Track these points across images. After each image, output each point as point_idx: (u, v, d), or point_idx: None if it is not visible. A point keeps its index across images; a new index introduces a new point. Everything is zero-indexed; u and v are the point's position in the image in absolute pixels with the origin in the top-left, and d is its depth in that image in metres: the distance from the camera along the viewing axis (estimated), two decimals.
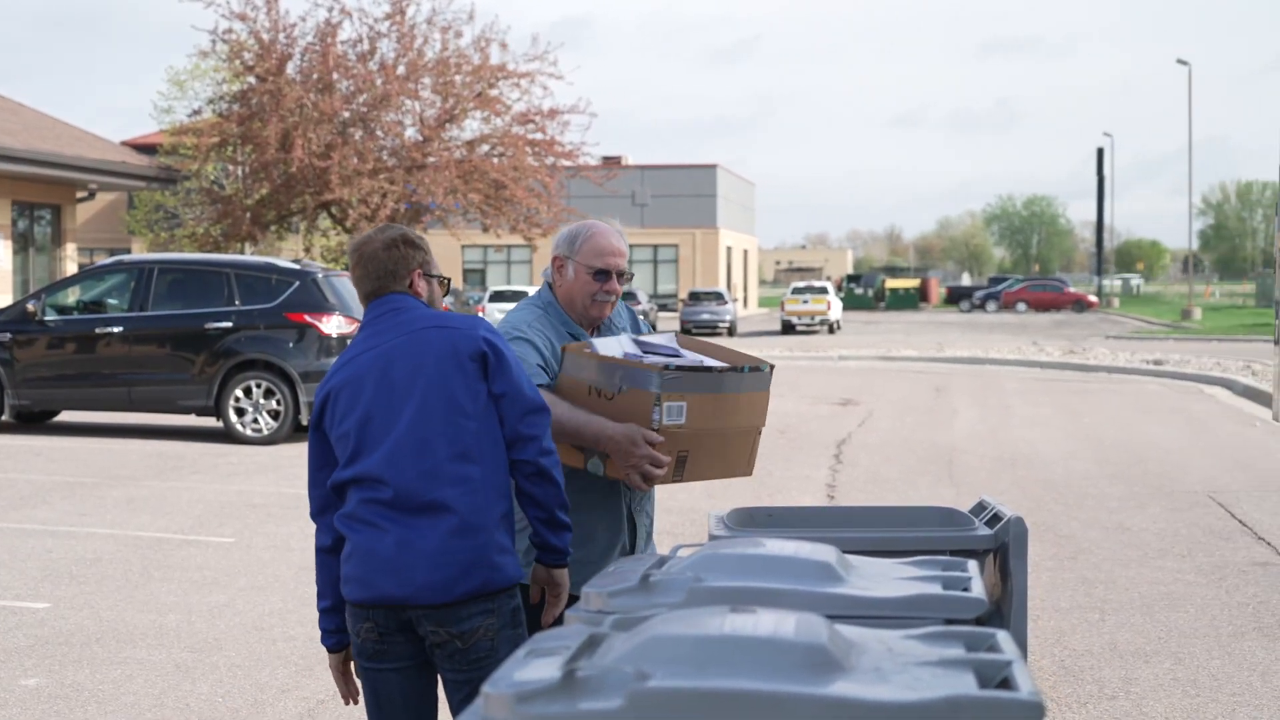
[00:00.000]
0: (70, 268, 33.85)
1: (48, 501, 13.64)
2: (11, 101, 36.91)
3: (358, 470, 4.42)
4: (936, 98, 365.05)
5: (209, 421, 19.45)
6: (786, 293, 62.46)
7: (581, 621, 3.39)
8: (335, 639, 4.66)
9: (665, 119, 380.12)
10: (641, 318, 5.60)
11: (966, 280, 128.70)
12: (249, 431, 18.21)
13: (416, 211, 38.68)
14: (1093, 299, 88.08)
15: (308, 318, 18.21)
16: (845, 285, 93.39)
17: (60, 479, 15.01)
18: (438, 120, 39.01)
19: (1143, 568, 10.92)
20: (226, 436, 18.35)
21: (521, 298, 51.25)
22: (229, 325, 18.31)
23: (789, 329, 58.30)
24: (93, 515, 12.95)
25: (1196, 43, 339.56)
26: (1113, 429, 20.47)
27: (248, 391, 18.23)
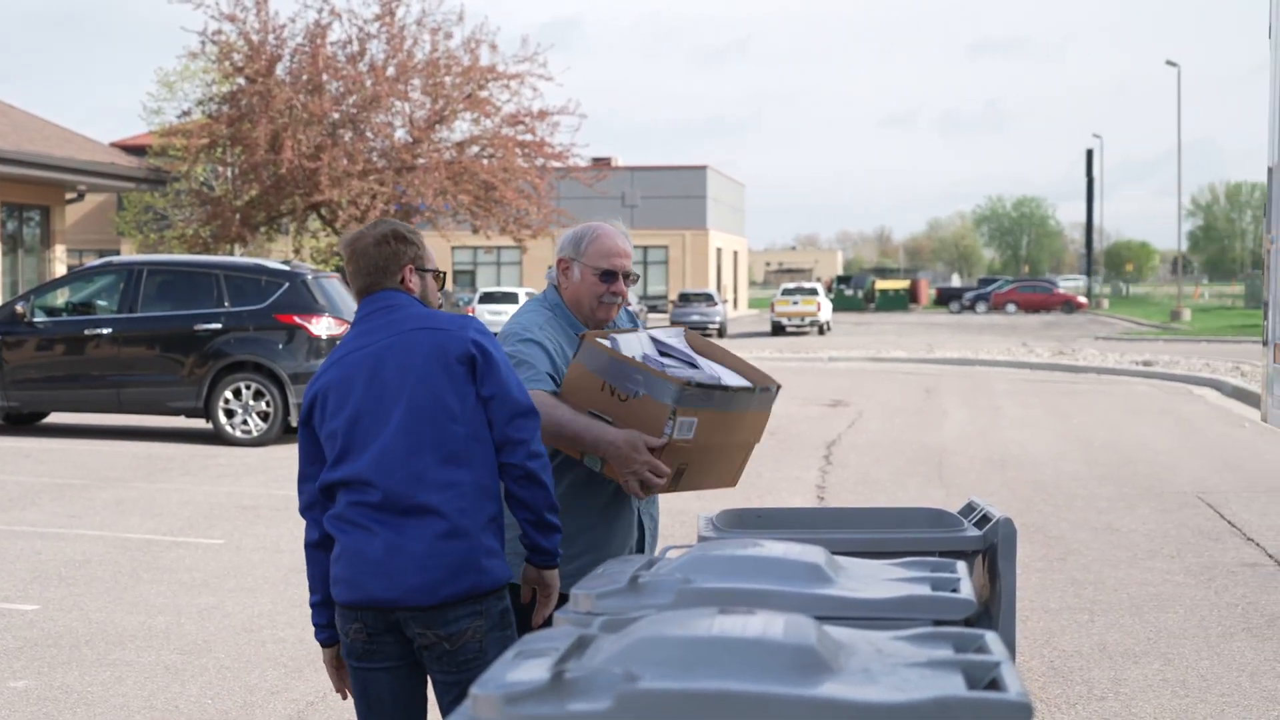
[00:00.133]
0: (59, 269, 33.83)
1: (37, 503, 13.62)
2: (0, 103, 36.85)
3: (346, 472, 4.42)
4: (927, 99, 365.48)
5: (198, 423, 19.42)
6: (776, 294, 62.52)
7: (570, 623, 3.39)
8: (327, 633, 4.66)
9: (655, 120, 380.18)
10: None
11: (956, 281, 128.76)
12: (238, 433, 18.20)
13: (406, 213, 38.65)
14: (1082, 300, 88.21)
15: (297, 319, 18.19)
16: (835, 286, 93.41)
17: (49, 481, 14.99)
18: (427, 121, 38.99)
19: (1132, 569, 10.93)
20: (216, 438, 18.33)
21: (511, 299, 51.48)
22: (218, 327, 18.29)
23: (779, 330, 58.34)
24: (82, 517, 12.94)
25: (1186, 44, 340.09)
26: (1102, 430, 20.50)
27: (237, 393, 18.21)
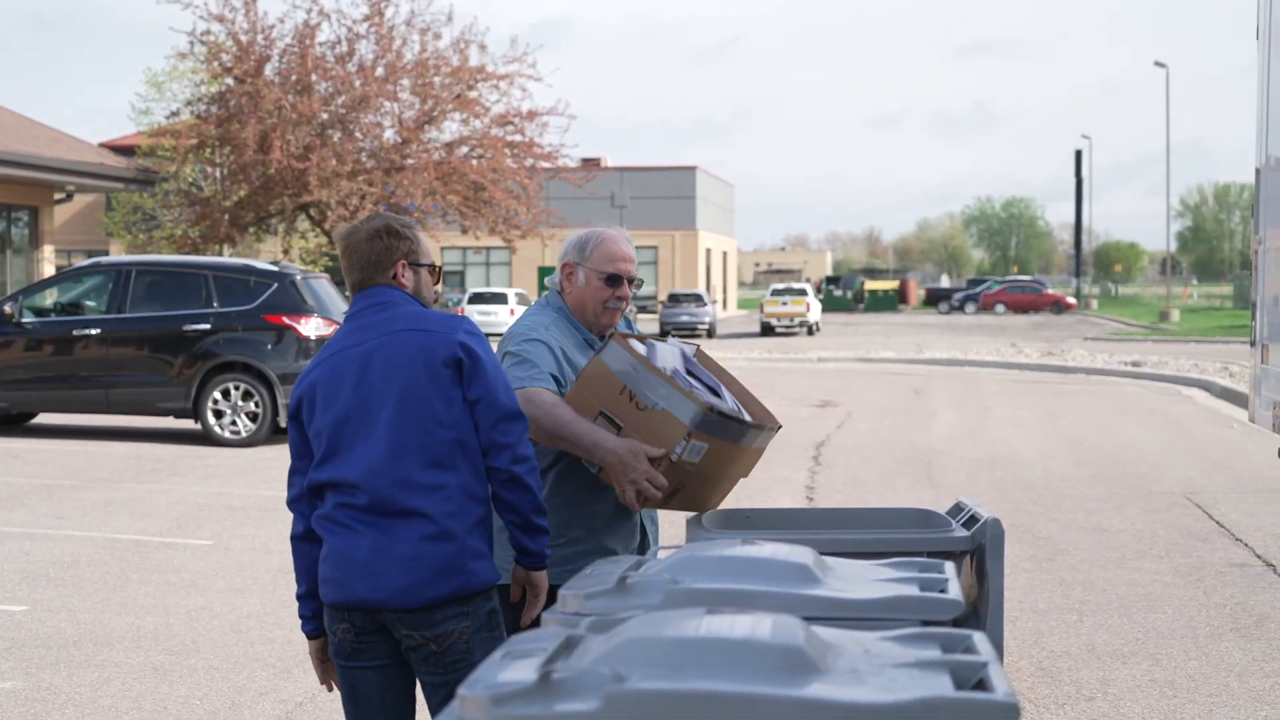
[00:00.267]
0: (48, 270, 33.78)
1: (25, 504, 13.60)
2: None
3: (333, 474, 4.42)
4: (915, 100, 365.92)
5: (187, 424, 19.39)
6: (766, 294, 62.59)
7: (558, 623, 3.38)
8: (313, 625, 4.66)
9: (644, 121, 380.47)
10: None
11: (945, 282, 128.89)
12: (227, 434, 18.18)
13: (395, 213, 38.62)
14: (1071, 300, 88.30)
15: (286, 320, 18.17)
16: (824, 287, 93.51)
17: (38, 481, 14.96)
18: (416, 122, 38.98)
19: (1120, 569, 10.94)
20: (205, 439, 18.31)
21: (500, 299, 51.45)
22: (207, 327, 18.26)
23: (768, 330, 58.36)
24: (70, 518, 12.92)
25: (1174, 45, 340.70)
26: (1091, 430, 20.52)
27: (226, 394, 18.19)
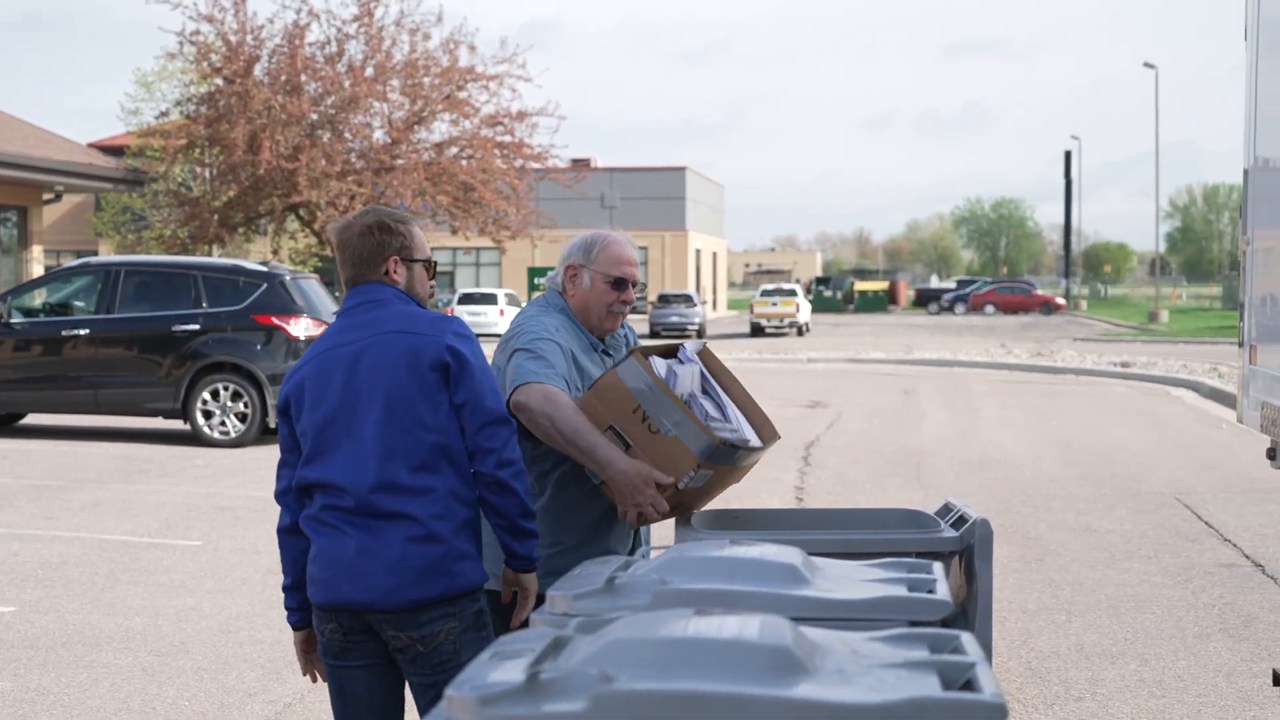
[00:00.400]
0: (37, 270, 33.70)
1: (13, 505, 13.58)
2: None
3: (320, 475, 4.42)
4: (905, 100, 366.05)
5: (176, 424, 19.37)
6: (755, 295, 62.56)
7: (547, 624, 3.39)
8: (298, 616, 4.67)
9: (634, 121, 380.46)
10: None
11: (935, 282, 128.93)
12: (216, 434, 18.16)
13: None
14: (1060, 301, 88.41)
15: (275, 320, 18.16)
16: (814, 287, 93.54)
17: (26, 482, 14.94)
18: (406, 122, 38.95)
19: (1109, 569, 10.96)
20: (194, 439, 18.29)
21: (490, 300, 51.42)
22: (196, 328, 18.24)
23: (758, 331, 58.37)
24: (59, 518, 12.90)
25: (1163, 46, 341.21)
26: (1080, 431, 20.54)
27: (215, 394, 18.18)
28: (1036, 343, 48.07)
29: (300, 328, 18.09)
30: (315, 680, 4.78)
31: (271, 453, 16.26)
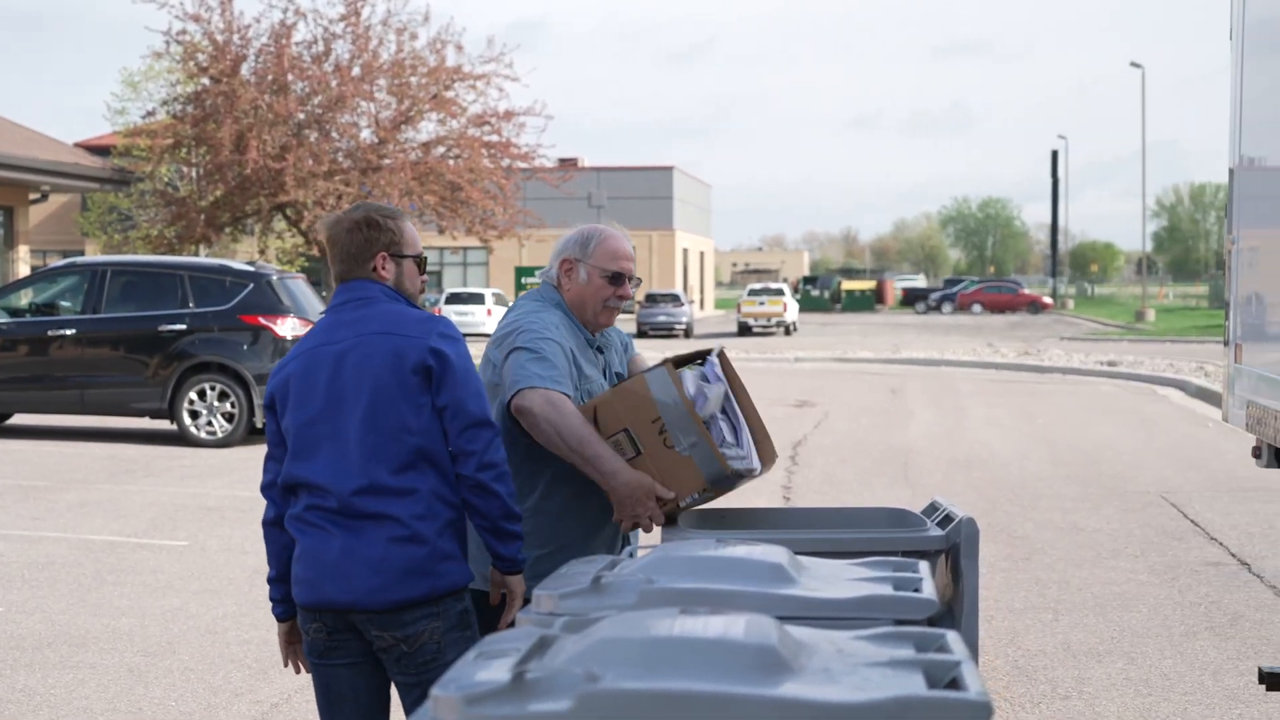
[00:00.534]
0: (23, 270, 33.63)
1: (0, 505, 13.55)
2: None
3: (304, 475, 4.43)
4: (892, 100, 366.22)
5: (163, 424, 19.34)
6: (743, 294, 62.62)
7: (532, 623, 3.38)
8: (283, 608, 4.68)
9: (621, 121, 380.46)
10: None
11: (922, 282, 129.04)
12: (203, 434, 18.14)
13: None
14: (1047, 300, 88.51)
15: (262, 320, 18.14)
16: (801, 287, 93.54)
17: (13, 482, 14.91)
18: (393, 122, 38.90)
19: (1096, 568, 10.97)
20: (180, 439, 18.26)
21: (478, 300, 51.33)
22: (183, 328, 18.22)
23: (745, 330, 58.39)
24: (45, 519, 12.88)
25: (1150, 46, 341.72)
26: (1067, 430, 20.57)
27: (202, 394, 18.16)
28: (1023, 342, 48.12)
29: (287, 328, 18.07)
30: (299, 672, 4.78)
31: (258, 453, 16.24)
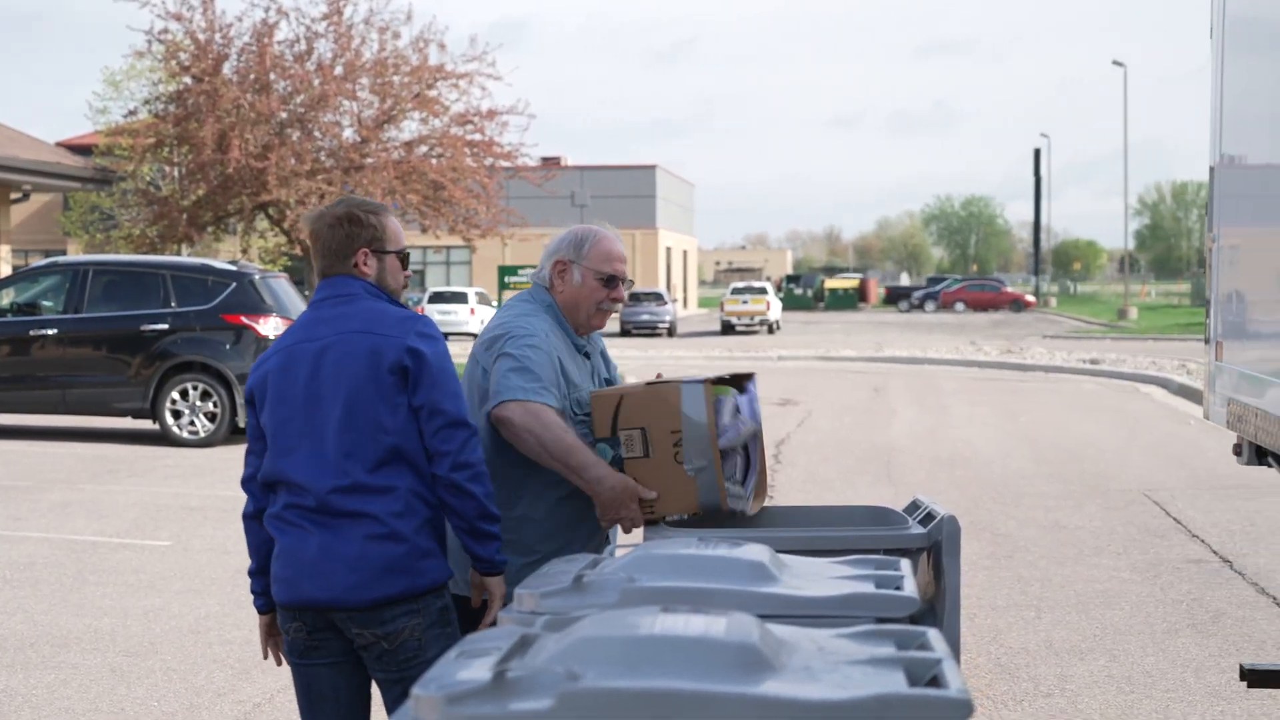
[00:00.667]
0: (4, 269, 33.52)
1: None
2: None
3: (282, 473, 4.43)
4: (875, 99, 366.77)
5: (145, 424, 19.29)
6: (726, 293, 62.65)
7: (514, 622, 3.38)
8: (264, 600, 4.69)
9: (604, 120, 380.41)
10: None
11: (905, 280, 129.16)
12: (186, 434, 18.10)
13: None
14: (1030, 299, 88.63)
15: (244, 319, 18.11)
16: (784, 285, 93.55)
17: None
18: (376, 121, 38.82)
19: (1078, 565, 10.99)
20: (163, 439, 18.22)
21: (461, 299, 51.25)
22: (165, 327, 18.19)
23: (728, 329, 58.43)
24: (27, 519, 12.85)
25: (1132, 45, 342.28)
26: (1049, 428, 20.61)
27: (184, 394, 18.12)
28: (1006, 340, 48.20)
29: (269, 327, 18.03)
30: (280, 664, 4.77)
31: (241, 453, 16.19)
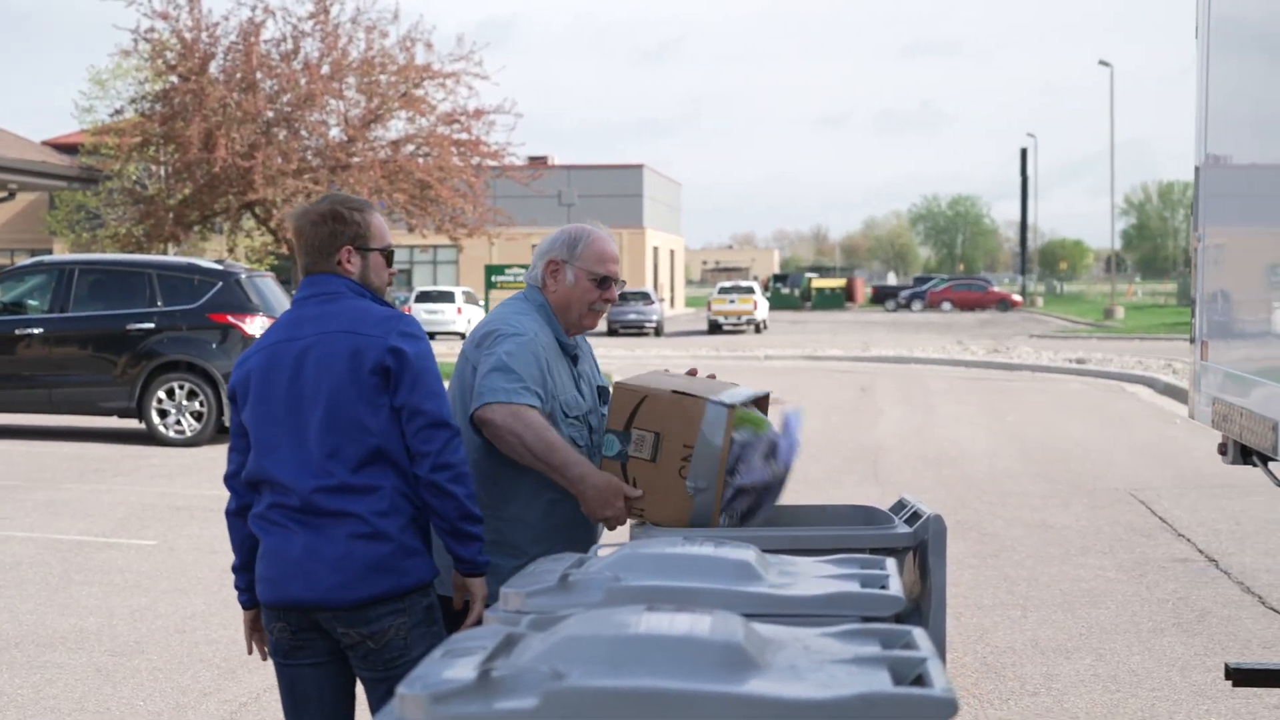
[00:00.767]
0: None
1: None
2: None
3: (265, 473, 4.42)
4: (862, 99, 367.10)
5: (131, 423, 19.26)
6: (713, 292, 62.67)
7: (499, 621, 3.38)
8: (248, 596, 4.69)
9: (591, 119, 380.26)
10: None
11: (892, 280, 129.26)
12: (172, 433, 18.08)
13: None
14: (1017, 298, 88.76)
15: (230, 319, 18.09)
16: (772, 285, 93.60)
17: None
18: (362, 120, 38.78)
19: (1064, 565, 11.01)
20: (149, 438, 18.19)
21: (448, 298, 51.23)
22: (151, 326, 18.16)
23: (716, 329, 58.46)
24: (13, 519, 12.82)
25: (1118, 45, 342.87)
26: (1036, 427, 20.63)
27: (170, 393, 18.10)
28: (993, 339, 48.25)
29: (255, 326, 18.00)
30: (265, 659, 4.76)
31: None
